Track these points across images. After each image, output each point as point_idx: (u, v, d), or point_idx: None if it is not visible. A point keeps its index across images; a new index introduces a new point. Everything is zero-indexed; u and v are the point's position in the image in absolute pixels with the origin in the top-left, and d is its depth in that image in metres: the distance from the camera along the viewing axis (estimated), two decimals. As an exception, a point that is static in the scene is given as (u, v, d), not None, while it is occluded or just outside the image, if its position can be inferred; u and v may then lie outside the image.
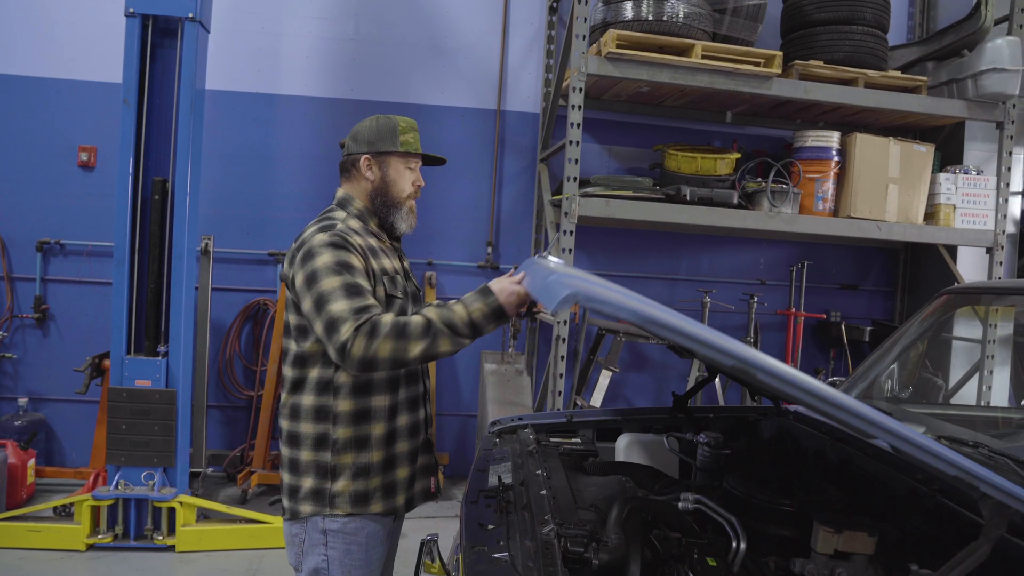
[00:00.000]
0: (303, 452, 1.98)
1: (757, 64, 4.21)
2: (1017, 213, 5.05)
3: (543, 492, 1.86)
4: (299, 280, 1.91)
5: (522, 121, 5.20)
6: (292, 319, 2.00)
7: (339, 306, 1.80)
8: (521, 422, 2.67)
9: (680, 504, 1.80)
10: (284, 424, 2.03)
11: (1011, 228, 4.91)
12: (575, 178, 4.01)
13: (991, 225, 4.66)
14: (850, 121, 5.09)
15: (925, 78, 4.59)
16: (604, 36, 4.04)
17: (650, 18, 4.09)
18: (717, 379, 4.55)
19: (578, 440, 2.56)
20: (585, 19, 3.99)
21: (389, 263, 2.07)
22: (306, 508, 1.98)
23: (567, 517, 1.66)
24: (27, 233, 4.80)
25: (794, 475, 2.05)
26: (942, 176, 4.68)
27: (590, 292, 1.24)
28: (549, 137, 4.95)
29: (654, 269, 5.37)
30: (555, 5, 5.10)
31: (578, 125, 3.99)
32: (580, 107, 3.99)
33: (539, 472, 2.05)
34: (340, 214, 2.09)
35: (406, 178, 2.13)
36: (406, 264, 2.24)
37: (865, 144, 4.52)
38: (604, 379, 4.52)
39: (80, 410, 4.77)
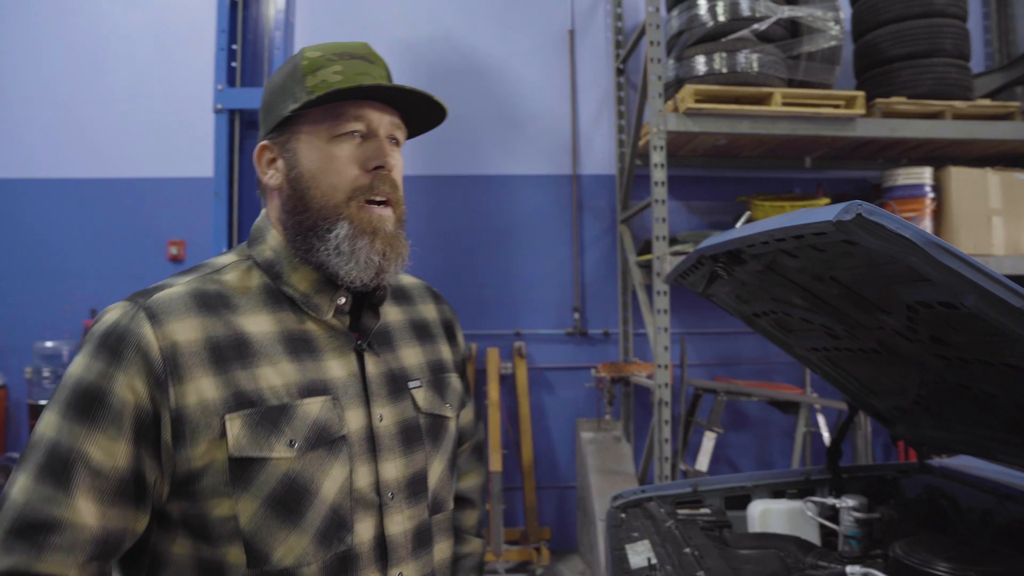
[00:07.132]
0: None
1: (838, 106, 4.13)
2: None
3: (699, 574, 1.74)
4: None
5: (597, 184, 5.19)
6: None
7: (15, 490, 0.92)
8: (644, 494, 2.55)
9: (849, 579, 1.66)
10: None
11: None
12: (664, 237, 3.94)
13: (1108, 249, 4.36)
14: (937, 155, 4.90)
15: (1017, 103, 4.40)
16: (680, 92, 4.03)
17: (724, 71, 4.06)
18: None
19: (707, 510, 2.42)
20: (659, 77, 3.99)
21: (297, 373, 1.04)
22: None
23: (739, 602, 1.53)
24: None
25: (964, 541, 1.86)
26: (1049, 203, 4.43)
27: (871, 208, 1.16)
28: (628, 198, 4.92)
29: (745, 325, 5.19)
30: (621, 67, 5.14)
31: (663, 183, 3.94)
32: (663, 165, 3.95)
33: (687, 550, 1.92)
34: (224, 260, 1.15)
35: (338, 157, 1.08)
36: (403, 360, 1.18)
37: (961, 177, 4.34)
38: (708, 441, 4.32)
39: None
